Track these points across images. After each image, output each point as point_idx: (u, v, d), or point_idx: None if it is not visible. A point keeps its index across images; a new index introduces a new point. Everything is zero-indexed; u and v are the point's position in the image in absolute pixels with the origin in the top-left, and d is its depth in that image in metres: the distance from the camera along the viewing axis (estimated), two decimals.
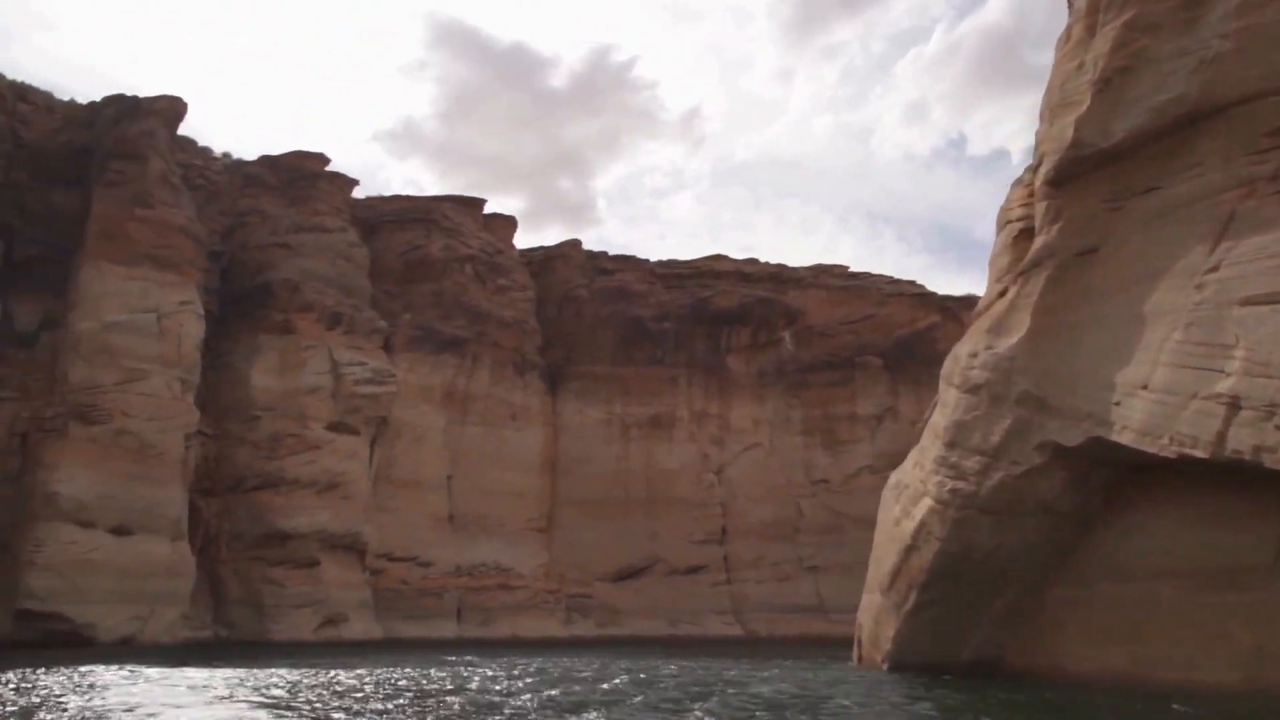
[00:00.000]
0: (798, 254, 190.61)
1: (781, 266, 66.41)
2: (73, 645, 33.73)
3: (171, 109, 46.42)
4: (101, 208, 42.93)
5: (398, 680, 19.91)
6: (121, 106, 46.45)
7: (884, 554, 22.08)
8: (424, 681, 19.77)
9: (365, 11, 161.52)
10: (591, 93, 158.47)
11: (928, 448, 20.44)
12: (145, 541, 37.09)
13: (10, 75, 51.81)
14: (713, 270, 65.99)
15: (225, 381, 48.47)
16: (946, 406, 19.79)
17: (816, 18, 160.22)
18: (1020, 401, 17.74)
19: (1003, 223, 21.17)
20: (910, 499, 20.82)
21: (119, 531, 36.43)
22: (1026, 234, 19.34)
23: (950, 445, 19.03)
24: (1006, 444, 17.81)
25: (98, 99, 48.89)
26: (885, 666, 21.27)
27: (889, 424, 61.02)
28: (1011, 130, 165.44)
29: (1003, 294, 19.16)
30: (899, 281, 65.44)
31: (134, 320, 40.27)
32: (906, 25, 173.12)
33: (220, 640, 42.46)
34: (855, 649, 24.79)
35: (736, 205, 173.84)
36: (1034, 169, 19.51)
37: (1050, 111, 18.69)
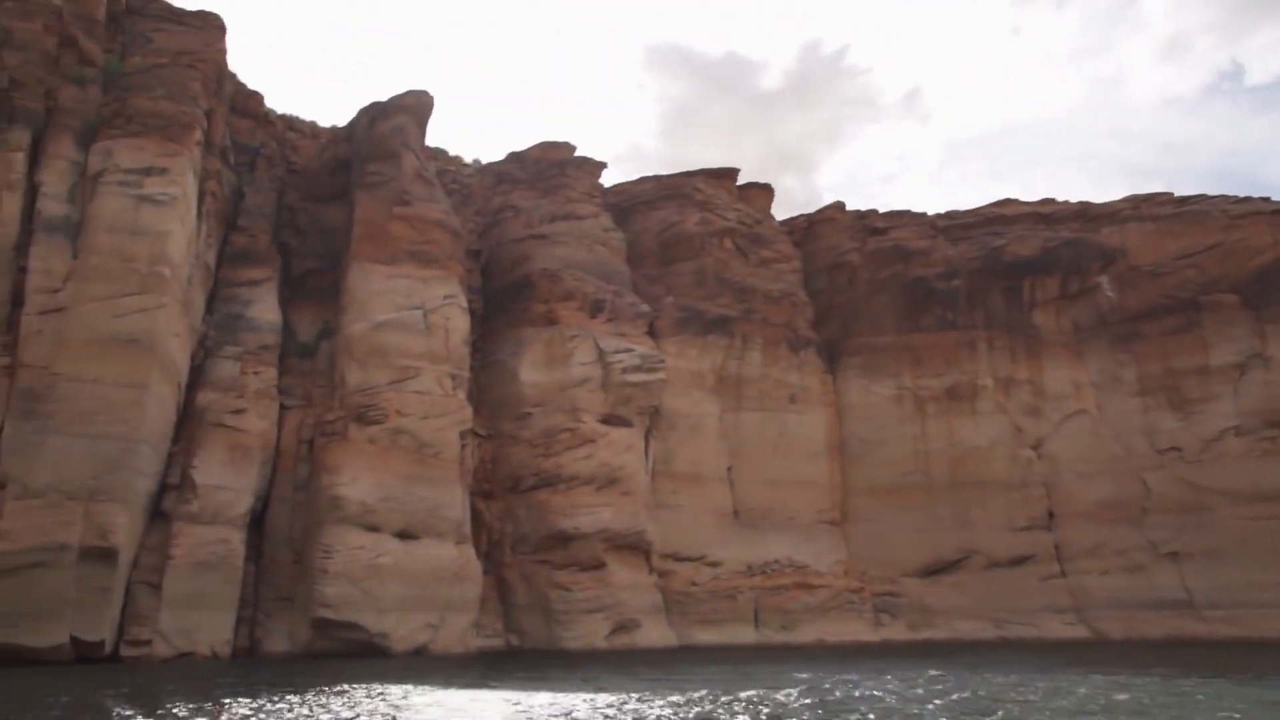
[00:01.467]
0: None
1: (1086, 204, 55.92)
2: (370, 656, 31.60)
3: (419, 103, 44.93)
4: (363, 210, 41.83)
5: (799, 702, 14.46)
6: (374, 111, 45.61)
7: None
8: (834, 703, 14.21)
9: (581, 44, 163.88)
10: (806, 88, 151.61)
11: None
12: (431, 546, 34.66)
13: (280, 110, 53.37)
14: (1002, 216, 56.74)
15: (495, 380, 46.26)
16: None
17: None
18: None
19: None
20: None
21: (405, 536, 34.20)
22: None
23: None
24: None
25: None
26: None
27: (1256, 374, 49.01)
28: None
29: None
30: (1250, 199, 52.85)
31: (401, 318, 38.45)
32: None
33: (513, 649, 39.64)
34: None
35: (974, 181, 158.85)
36: None
37: None
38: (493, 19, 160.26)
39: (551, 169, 52.52)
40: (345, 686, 19.35)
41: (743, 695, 16.01)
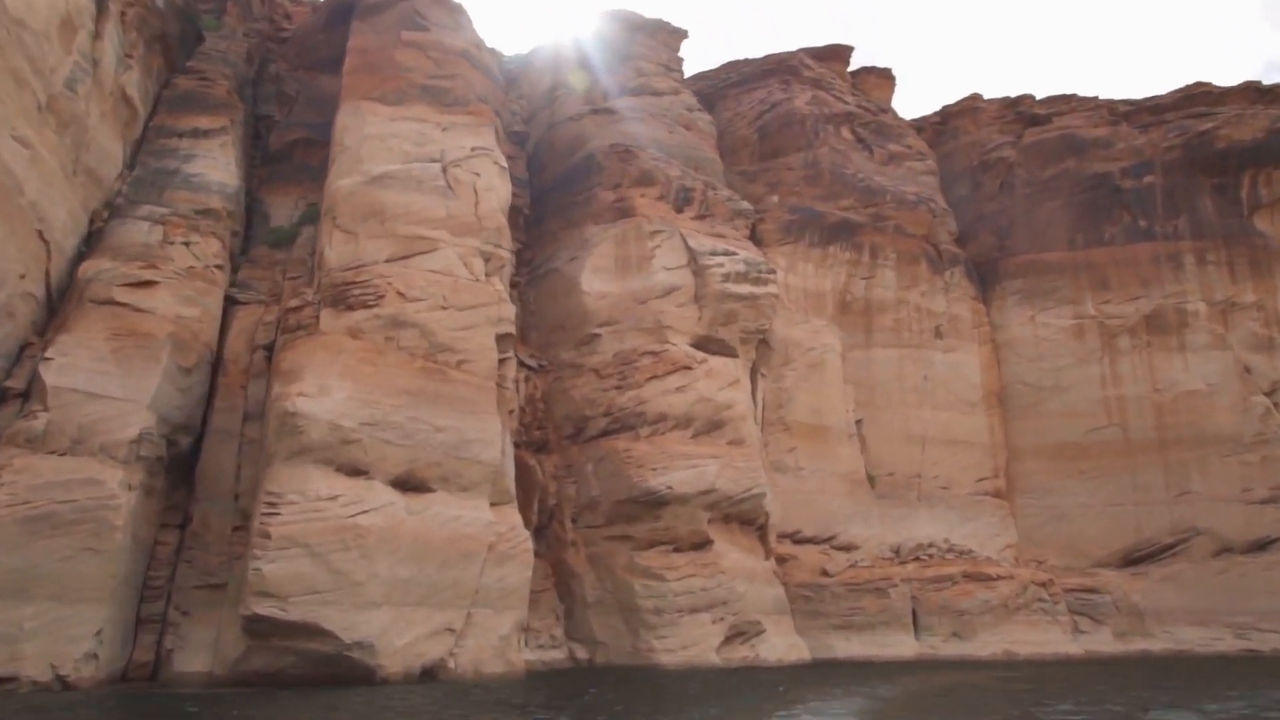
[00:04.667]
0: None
1: None
2: (342, 682, 17.80)
3: None
4: (359, 39, 28.45)
5: None
6: None
7: None
8: None
9: None
10: None
11: None
12: (451, 503, 20.71)
13: None
14: (1205, 93, 41.80)
15: (547, 297, 32.51)
16: None
17: None
18: None
19: None
20: None
21: (407, 485, 20.30)
22: None
23: None
24: None
25: None
26: None
27: None
28: None
29: None
30: None
31: (410, 171, 24.74)
32: None
33: (580, 667, 25.64)
34: None
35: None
36: None
37: None
38: None
39: (619, 37, 38.78)
40: None
41: None
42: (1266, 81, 40.82)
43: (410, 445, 20.40)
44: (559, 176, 34.77)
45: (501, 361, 24.41)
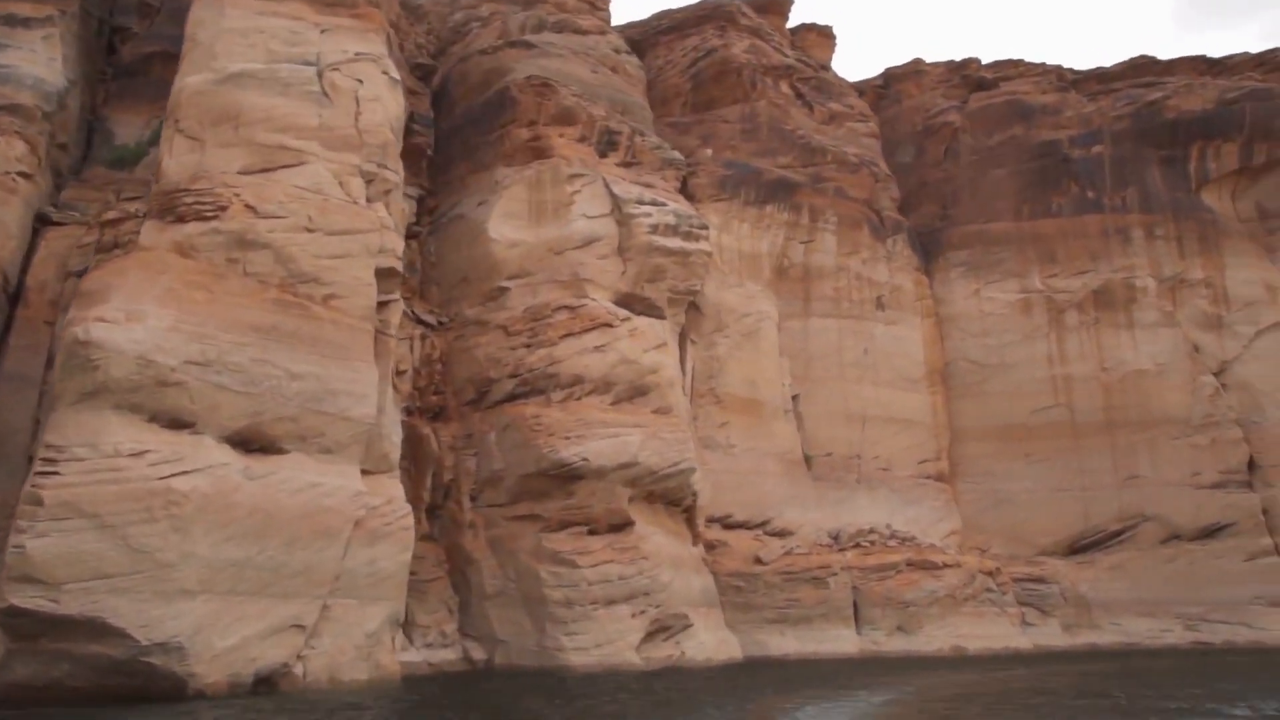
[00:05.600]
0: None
1: (1274, 50, 39.09)
2: (145, 697, 13.33)
3: None
4: None
5: None
6: None
7: None
8: None
9: None
10: None
11: None
12: (305, 468, 16.34)
13: None
14: (1153, 64, 39.78)
15: (450, 247, 28.20)
16: None
17: None
18: None
19: None
20: None
21: (246, 444, 15.82)
22: None
23: None
24: None
25: None
26: None
27: None
28: None
29: None
30: None
31: (275, 72, 20.15)
32: None
33: (475, 668, 21.48)
34: None
35: None
36: None
37: None
38: None
39: None
40: None
41: None
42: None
43: (255, 394, 15.93)
44: (469, 114, 30.44)
45: (385, 304, 20.06)
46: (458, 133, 30.38)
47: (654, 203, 28.13)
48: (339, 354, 17.55)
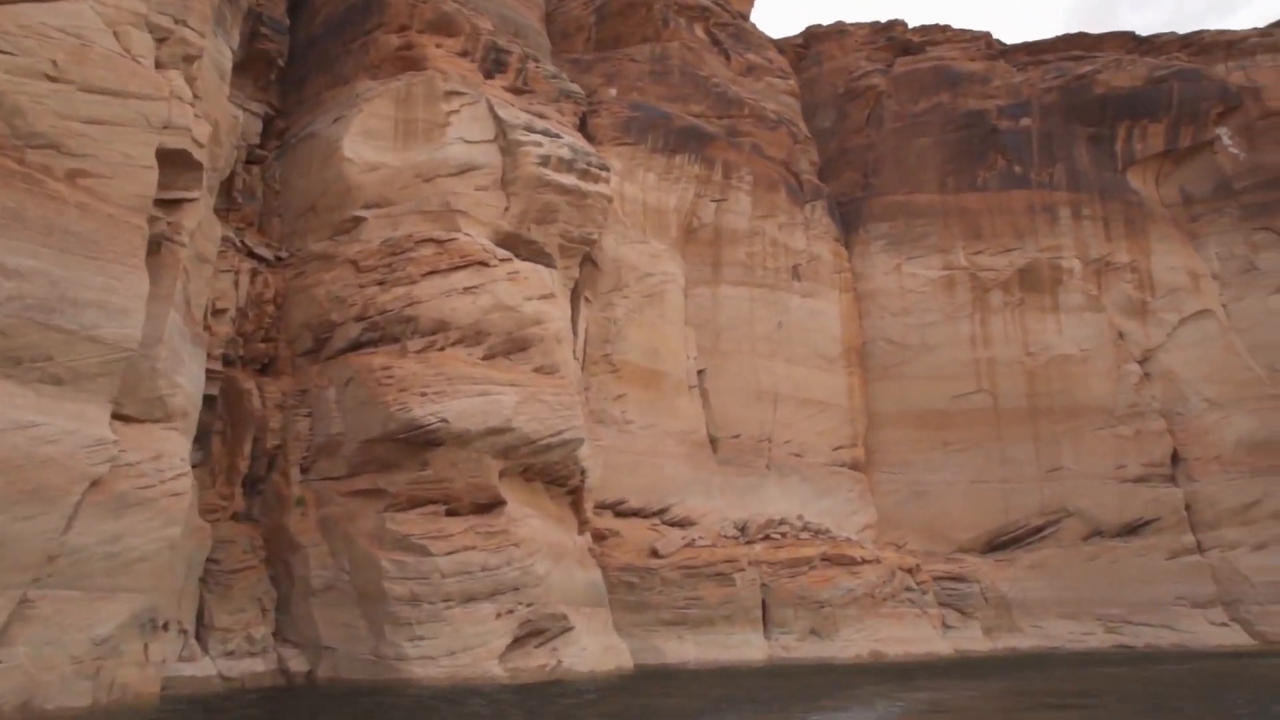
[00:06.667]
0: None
1: (1198, 32, 37.52)
2: None
3: None
4: None
5: None
6: None
7: None
8: None
9: None
10: None
11: None
12: (19, 403, 11.31)
13: None
14: (1083, 38, 37.73)
15: (298, 170, 23.05)
16: None
17: None
18: None
19: None
20: None
21: None
22: None
23: None
24: None
25: None
26: None
27: None
28: None
29: None
30: None
31: None
32: None
33: (291, 683, 16.59)
34: None
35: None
36: None
37: None
38: None
39: None
40: None
41: None
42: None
43: None
44: (330, 21, 25.38)
45: (176, 204, 15.02)
46: (316, 43, 25.29)
47: (546, 133, 23.71)
48: (86, 250, 12.51)
